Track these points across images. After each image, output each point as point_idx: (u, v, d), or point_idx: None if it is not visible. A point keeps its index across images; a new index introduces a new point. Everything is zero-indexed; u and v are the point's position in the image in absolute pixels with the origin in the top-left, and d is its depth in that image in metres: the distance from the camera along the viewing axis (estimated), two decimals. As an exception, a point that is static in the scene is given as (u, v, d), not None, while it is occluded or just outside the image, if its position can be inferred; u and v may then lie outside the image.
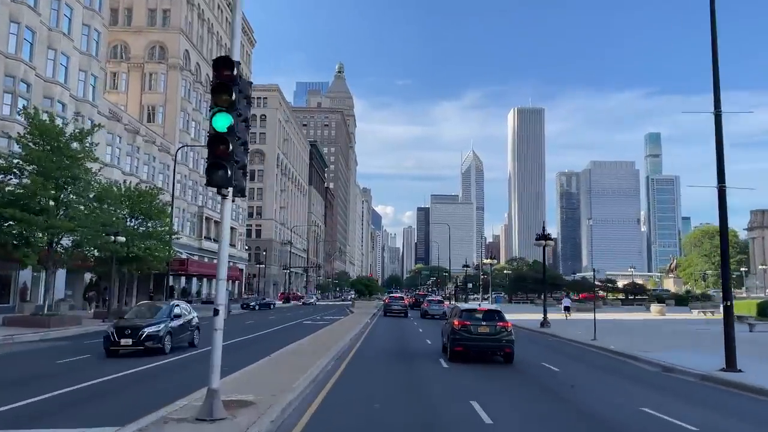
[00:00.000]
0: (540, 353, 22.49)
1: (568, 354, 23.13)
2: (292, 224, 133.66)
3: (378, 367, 17.19)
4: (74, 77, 44.26)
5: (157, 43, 65.77)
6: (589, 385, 15.05)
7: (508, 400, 12.79)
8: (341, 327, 30.80)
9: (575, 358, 21.85)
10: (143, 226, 37.19)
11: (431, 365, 17.79)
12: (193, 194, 70.16)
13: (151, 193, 37.47)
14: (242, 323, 36.48)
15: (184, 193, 67.20)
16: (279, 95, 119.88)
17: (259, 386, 11.85)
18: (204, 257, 72.95)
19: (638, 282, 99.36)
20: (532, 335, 31.91)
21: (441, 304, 51.82)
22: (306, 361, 15.82)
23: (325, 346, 20.21)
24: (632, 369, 18.60)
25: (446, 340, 19.45)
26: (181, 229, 66.30)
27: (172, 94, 65.30)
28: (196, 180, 71.20)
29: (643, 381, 16.03)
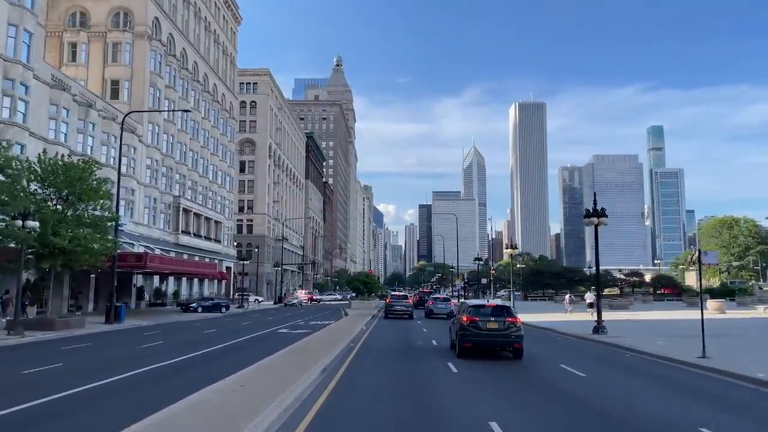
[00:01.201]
0: (640, 390, 13.15)
1: (696, 394, 13.03)
2: (287, 220, 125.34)
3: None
4: (1, 32, 36.11)
5: (121, 9, 57.56)
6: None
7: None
8: (324, 339, 22.47)
9: (730, 407, 11.57)
10: (74, 209, 28.79)
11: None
12: (167, 182, 61.91)
13: (82, 167, 29.03)
14: (194, 333, 28.26)
15: (155, 180, 58.97)
16: (270, 80, 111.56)
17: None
18: (183, 254, 64.71)
19: (666, 275, 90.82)
20: (591, 347, 23.45)
21: (447, 302, 46.51)
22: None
23: (277, 382, 11.89)
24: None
25: (454, 337, 19.26)
26: (152, 221, 58.12)
27: (139, 67, 57.05)
28: (171, 166, 62.96)
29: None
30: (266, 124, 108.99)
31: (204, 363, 16.99)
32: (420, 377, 14.58)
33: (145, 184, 56.69)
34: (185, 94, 67.02)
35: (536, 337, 26.25)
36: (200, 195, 72.27)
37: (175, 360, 17.02)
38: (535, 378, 14.55)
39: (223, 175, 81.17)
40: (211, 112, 76.73)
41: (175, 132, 63.89)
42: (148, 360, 17.04)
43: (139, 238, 54.51)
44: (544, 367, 16.56)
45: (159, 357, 17.51)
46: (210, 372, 13.95)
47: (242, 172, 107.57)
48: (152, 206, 58.20)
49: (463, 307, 19.91)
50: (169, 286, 63.13)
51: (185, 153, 67.01)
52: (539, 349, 21.05)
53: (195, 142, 70.08)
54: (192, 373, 14.67)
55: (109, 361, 17.19)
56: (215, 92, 78.48)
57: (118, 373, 14.26)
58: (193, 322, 36.46)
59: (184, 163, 66.27)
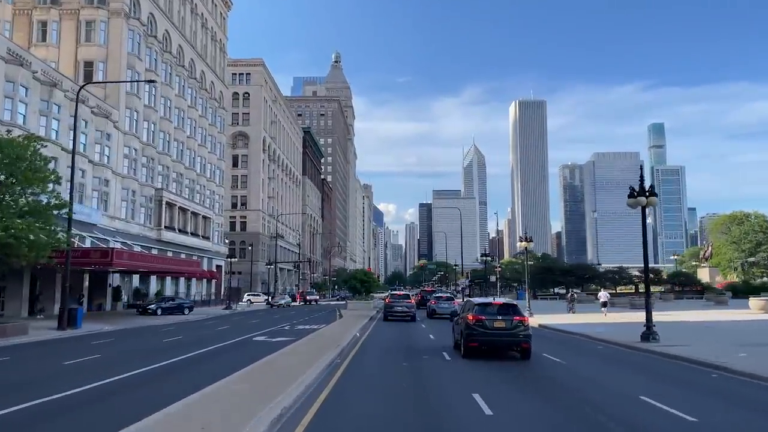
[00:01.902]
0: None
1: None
2: (284, 216, 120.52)
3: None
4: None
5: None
6: None
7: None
8: (303, 351, 17.68)
9: None
10: (10, 194, 24.00)
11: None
12: (148, 173, 57.10)
13: (23, 144, 24.20)
14: (153, 341, 23.48)
15: (134, 171, 54.20)
16: (264, 70, 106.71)
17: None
18: (168, 251, 59.98)
19: (684, 271, 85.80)
20: (652, 361, 17.71)
21: (450, 301, 42.98)
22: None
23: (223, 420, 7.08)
24: None
25: (459, 337, 18.59)
26: (131, 215, 53.36)
27: (116, 48, 52.24)
28: (153, 156, 58.15)
29: None
30: (260, 116, 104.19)
31: (128, 391, 12.18)
32: (434, 416, 9.77)
33: (122, 174, 51.92)
34: (168, 80, 62.25)
35: (571, 346, 21.49)
36: (186, 188, 67.48)
37: (74, 391, 11.97)
38: (616, 418, 9.63)
39: (212, 168, 76.38)
40: (199, 101, 71.92)
41: (157, 119, 59.11)
42: (45, 388, 12.20)
43: (115, 234, 49.79)
44: (614, 396, 11.68)
45: (62, 384, 12.65)
46: (108, 413, 9.13)
47: (235, 167, 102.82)
48: (130, 199, 53.42)
49: (468, 306, 18.90)
50: (152, 286, 58.34)
51: (169, 143, 62.22)
52: (589, 367, 16.37)
53: (180, 131, 65.30)
54: (85, 416, 9.87)
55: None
56: (203, 80, 73.69)
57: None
58: (161, 327, 31.62)
59: (167, 154, 61.48)
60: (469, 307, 18.51)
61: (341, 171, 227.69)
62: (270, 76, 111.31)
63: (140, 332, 28.52)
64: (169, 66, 62.39)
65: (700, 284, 75.63)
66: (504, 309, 17.70)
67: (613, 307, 52.48)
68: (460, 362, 16.54)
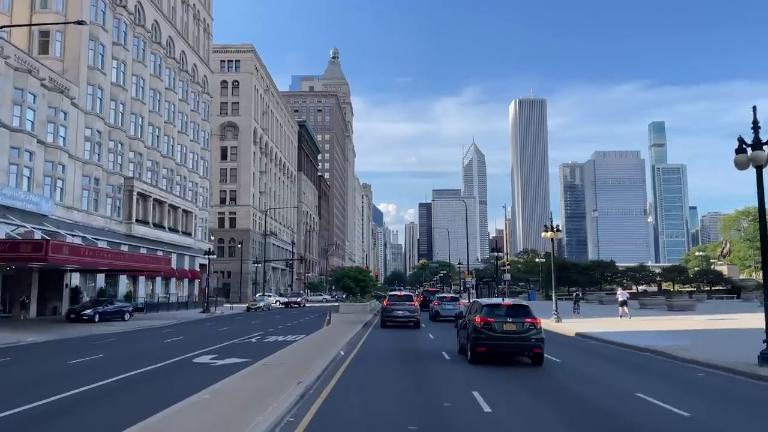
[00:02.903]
0: None
1: None
2: (277, 213, 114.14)
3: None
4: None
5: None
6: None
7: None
8: (245, 389, 11.09)
9: None
10: None
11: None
12: (116, 160, 50.66)
13: None
14: (54, 365, 17.08)
15: (98, 156, 47.79)
16: (255, 57, 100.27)
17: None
18: (141, 247, 53.62)
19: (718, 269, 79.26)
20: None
21: (455, 302, 39.07)
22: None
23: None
24: None
25: (465, 341, 17.40)
26: (93, 207, 46.96)
27: (75, 16, 45.75)
28: (122, 141, 51.74)
29: None
30: (250, 106, 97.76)
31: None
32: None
33: (82, 159, 45.49)
34: (141, 56, 55.80)
35: (657, 373, 14.68)
36: (164, 179, 61.07)
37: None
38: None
39: (195, 158, 69.93)
40: (179, 84, 65.48)
41: (127, 100, 52.71)
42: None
43: (73, 227, 43.44)
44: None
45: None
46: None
47: (224, 160, 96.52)
48: (93, 188, 46.98)
49: (476, 307, 17.76)
50: (121, 287, 51.88)
51: (142, 127, 55.81)
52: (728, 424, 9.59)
53: (156, 115, 58.89)
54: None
55: None
56: (184, 61, 67.27)
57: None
58: (91, 339, 25.13)
59: (140, 139, 55.06)
60: (476, 309, 17.21)
61: (339, 168, 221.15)
62: (261, 63, 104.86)
63: (58, 347, 22.10)
64: (142, 41, 55.96)
65: (733, 282, 69.08)
66: (514, 311, 16.59)
67: (644, 308, 46.16)
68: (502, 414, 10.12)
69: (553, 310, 31.26)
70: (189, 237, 65.91)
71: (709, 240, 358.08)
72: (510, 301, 18.59)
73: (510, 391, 11.92)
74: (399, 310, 30.72)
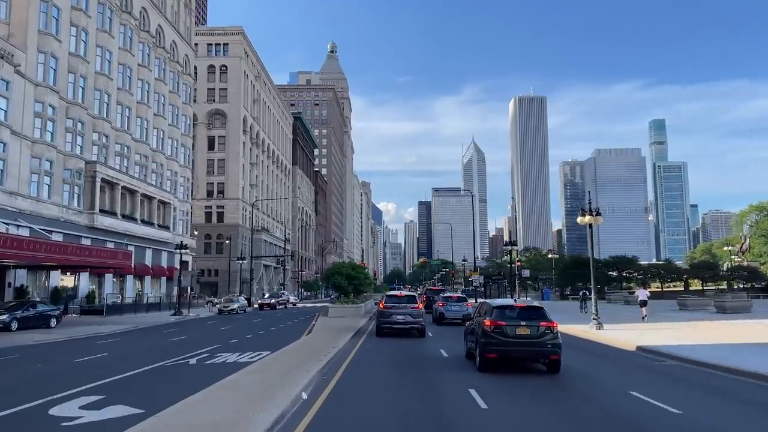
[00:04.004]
0: None
1: None
2: (270, 208, 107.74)
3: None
4: None
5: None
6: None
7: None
8: None
9: None
10: None
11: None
12: (74, 141, 44.26)
13: None
14: None
15: (52, 136, 41.44)
16: (244, 41, 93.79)
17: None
18: (107, 241, 47.31)
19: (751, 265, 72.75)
20: None
21: (463, 302, 34.19)
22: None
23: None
24: None
25: (473, 345, 15.83)
26: (46, 193, 40.63)
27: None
28: (82, 119, 45.34)
29: None
30: (239, 92, 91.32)
31: None
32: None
33: (30, 138, 39.15)
34: (107, 26, 49.34)
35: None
36: (136, 166, 54.73)
37: None
38: None
39: (174, 144, 63.51)
40: (155, 61, 59.10)
41: (89, 73, 46.31)
42: None
43: (17, 216, 37.10)
44: None
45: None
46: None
47: (211, 150, 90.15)
48: (45, 171, 40.58)
49: (485, 308, 16.03)
50: (82, 286, 45.49)
51: (108, 105, 49.42)
52: None
53: (126, 93, 52.52)
54: None
55: None
56: (161, 37, 60.86)
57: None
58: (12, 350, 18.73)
59: (106, 119, 48.70)
60: (485, 311, 15.77)
61: (337, 164, 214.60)
62: (251, 48, 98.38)
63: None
64: (108, 9, 49.51)
65: (766, 279, 62.76)
66: (528, 313, 15.06)
67: (685, 310, 39.77)
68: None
69: (593, 314, 24.90)
70: (167, 231, 59.52)
71: (710, 238, 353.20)
72: (523, 303, 16.96)
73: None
74: (399, 315, 24.33)
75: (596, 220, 24.56)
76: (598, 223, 24.73)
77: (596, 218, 24.57)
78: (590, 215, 24.68)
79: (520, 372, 14.69)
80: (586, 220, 24.69)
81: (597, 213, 24.61)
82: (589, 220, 24.62)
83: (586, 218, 24.69)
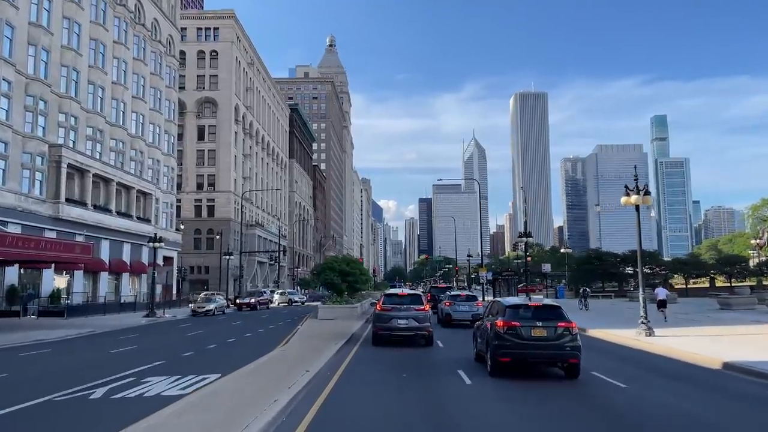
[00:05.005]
0: None
1: None
2: (265, 202, 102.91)
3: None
4: None
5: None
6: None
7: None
8: None
9: None
10: None
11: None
12: (34, 120, 39.42)
13: None
14: None
15: (7, 114, 36.61)
16: (236, 25, 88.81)
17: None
18: (76, 234, 42.53)
19: None
20: None
21: (473, 302, 30.47)
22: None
23: None
24: None
25: (484, 347, 14.48)
26: (0, 180, 35.80)
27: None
28: (44, 96, 40.48)
29: None
30: (231, 79, 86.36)
31: None
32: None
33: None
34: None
35: None
36: (112, 152, 49.91)
37: None
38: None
39: (156, 130, 58.64)
40: (132, 39, 54.19)
41: (53, 46, 41.42)
42: None
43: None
44: None
45: None
46: None
47: (201, 140, 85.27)
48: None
49: (496, 308, 14.85)
50: (45, 283, 40.64)
51: (77, 84, 44.55)
52: None
53: (98, 71, 47.63)
54: None
55: None
56: (140, 13, 55.94)
57: None
58: None
59: (74, 99, 43.82)
60: (497, 310, 14.46)
61: (337, 159, 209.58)
62: (244, 33, 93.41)
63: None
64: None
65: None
66: (543, 312, 13.66)
67: (728, 309, 34.92)
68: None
69: (641, 317, 20.08)
70: (147, 224, 54.68)
71: (712, 234, 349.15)
72: (538, 302, 15.23)
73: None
74: (401, 319, 19.46)
75: (645, 200, 19.72)
76: (647, 204, 19.89)
77: (645, 198, 19.72)
78: (637, 194, 19.82)
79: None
80: (632, 200, 19.85)
81: (646, 192, 19.75)
82: (636, 200, 19.77)
83: (632, 198, 19.84)
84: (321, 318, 29.65)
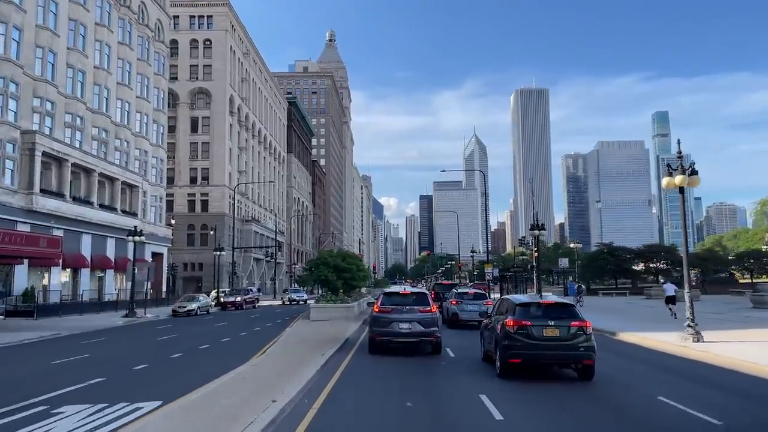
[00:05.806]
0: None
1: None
2: (262, 197, 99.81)
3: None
4: None
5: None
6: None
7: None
8: None
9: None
10: None
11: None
12: (5, 104, 36.30)
13: None
14: None
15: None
16: (230, 12, 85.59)
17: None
18: (53, 228, 39.44)
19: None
20: None
21: (482, 300, 27.76)
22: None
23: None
24: None
25: (492, 347, 13.74)
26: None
27: None
28: (15, 78, 37.36)
29: None
30: (225, 69, 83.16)
31: None
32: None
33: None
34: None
35: None
36: (93, 141, 46.83)
37: None
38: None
39: (144, 119, 55.54)
40: (117, 21, 51.05)
41: (26, 25, 38.27)
42: None
43: None
44: None
45: None
46: None
47: (194, 132, 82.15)
48: (-39, 139, 32.68)
49: (506, 306, 14.02)
50: (18, 280, 37.54)
51: (54, 66, 41.42)
52: None
53: (79, 55, 44.49)
54: None
55: None
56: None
57: None
58: None
59: (51, 82, 40.72)
60: (507, 308, 13.67)
61: (336, 155, 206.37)
62: (238, 21, 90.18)
63: None
64: (53, -50, 41.44)
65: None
66: (556, 311, 12.87)
67: (762, 308, 31.78)
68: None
69: (688, 319, 16.97)
70: (133, 218, 51.53)
71: (714, 231, 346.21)
72: (551, 300, 13.71)
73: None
74: (402, 322, 16.35)
75: (692, 181, 16.61)
76: (694, 185, 16.80)
77: (692, 179, 16.60)
78: (682, 174, 16.69)
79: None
80: (677, 181, 16.72)
81: (692, 172, 16.62)
82: (681, 181, 16.64)
83: (677, 179, 16.71)
84: (313, 319, 26.54)
